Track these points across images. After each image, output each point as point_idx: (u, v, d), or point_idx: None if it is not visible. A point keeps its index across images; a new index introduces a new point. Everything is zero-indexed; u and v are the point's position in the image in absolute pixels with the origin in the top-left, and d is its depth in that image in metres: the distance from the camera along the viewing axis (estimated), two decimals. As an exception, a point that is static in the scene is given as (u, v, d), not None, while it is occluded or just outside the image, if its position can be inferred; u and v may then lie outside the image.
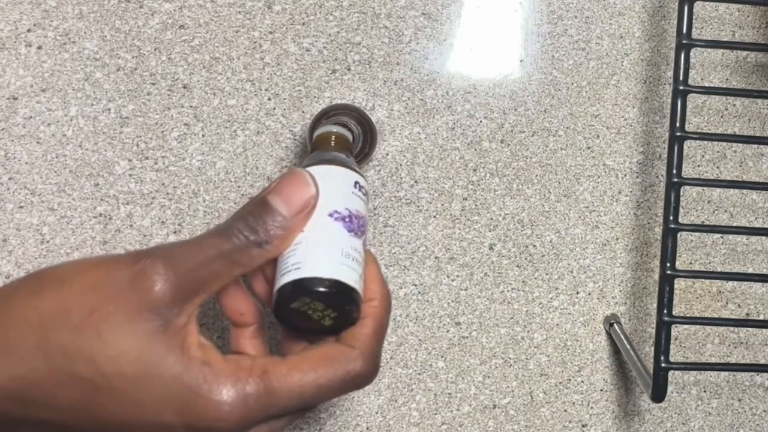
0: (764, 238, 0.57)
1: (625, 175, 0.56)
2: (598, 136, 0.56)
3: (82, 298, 0.33)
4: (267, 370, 0.34)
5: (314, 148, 0.43)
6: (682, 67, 0.46)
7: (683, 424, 0.57)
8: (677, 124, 0.46)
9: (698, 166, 0.57)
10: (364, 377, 0.36)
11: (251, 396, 0.33)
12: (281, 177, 0.37)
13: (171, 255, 0.34)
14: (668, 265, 0.46)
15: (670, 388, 0.57)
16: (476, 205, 0.54)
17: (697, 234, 0.57)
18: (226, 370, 0.33)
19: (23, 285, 0.34)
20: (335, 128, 0.43)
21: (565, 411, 0.56)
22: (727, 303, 0.57)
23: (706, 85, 0.56)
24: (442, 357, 0.55)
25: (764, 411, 0.58)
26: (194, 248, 0.34)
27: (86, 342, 0.33)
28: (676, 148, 0.46)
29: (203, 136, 0.52)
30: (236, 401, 0.33)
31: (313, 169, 0.38)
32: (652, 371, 0.46)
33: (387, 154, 0.53)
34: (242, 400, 0.33)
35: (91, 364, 0.33)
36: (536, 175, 0.55)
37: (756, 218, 0.58)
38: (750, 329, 0.58)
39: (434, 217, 0.54)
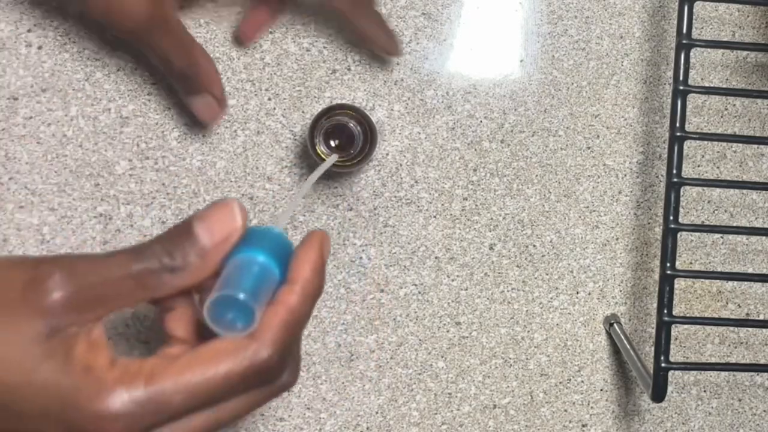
0: (764, 238, 0.57)
1: (625, 175, 0.56)
2: (598, 136, 0.56)
3: None
4: (154, 373, 0.32)
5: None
6: (682, 67, 0.46)
7: (683, 424, 0.57)
8: (677, 124, 0.46)
9: (698, 166, 0.57)
10: (270, 370, 0.33)
11: (136, 402, 0.31)
12: (212, 204, 0.35)
13: (73, 266, 0.32)
14: (668, 265, 0.46)
15: (670, 388, 0.57)
16: (476, 205, 0.54)
17: (697, 234, 0.57)
18: (110, 376, 0.31)
19: None
20: None
21: (565, 411, 0.56)
22: (727, 303, 0.57)
23: (706, 85, 0.56)
24: (442, 357, 0.55)
25: (764, 411, 0.58)
26: (100, 263, 0.33)
27: None
28: (676, 148, 0.46)
29: (203, 136, 0.52)
30: (120, 409, 0.31)
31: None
32: (652, 371, 0.46)
33: (387, 154, 0.53)
34: (126, 408, 0.31)
35: None
36: (536, 175, 0.55)
37: (756, 218, 0.58)
38: (750, 329, 0.58)
39: (434, 217, 0.54)
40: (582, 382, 0.56)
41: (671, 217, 0.46)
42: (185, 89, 0.48)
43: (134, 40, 0.44)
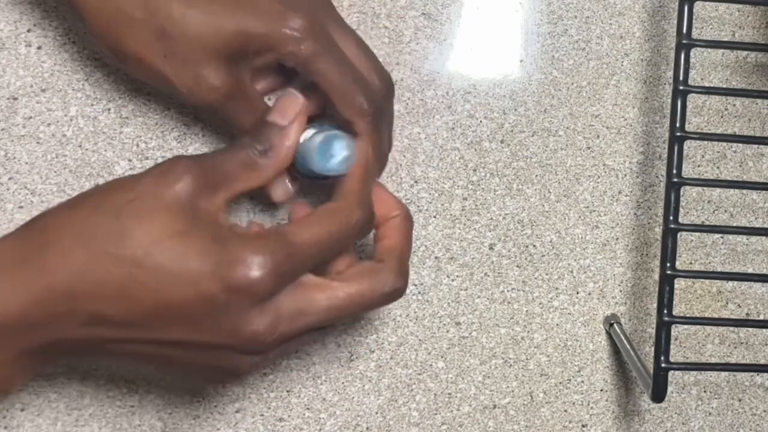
0: (764, 238, 0.57)
1: (625, 175, 0.56)
2: (598, 136, 0.56)
3: (115, 194, 0.37)
4: (282, 229, 0.39)
5: None
6: (682, 67, 0.46)
7: (683, 424, 0.57)
8: (677, 124, 0.46)
9: (698, 166, 0.57)
10: (363, 225, 0.41)
11: (276, 250, 0.37)
12: (276, 98, 0.43)
13: (191, 156, 0.39)
14: (668, 265, 0.46)
15: (670, 388, 0.57)
16: (476, 205, 0.54)
17: (697, 234, 0.57)
18: (250, 232, 0.39)
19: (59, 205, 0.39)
20: None
21: (565, 411, 0.56)
22: (727, 303, 0.57)
23: (706, 85, 0.56)
24: (442, 357, 0.55)
25: (764, 411, 0.58)
26: (211, 154, 0.40)
27: (122, 223, 0.36)
28: (676, 148, 0.46)
29: (203, 136, 0.52)
30: (264, 257, 0.36)
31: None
32: (652, 371, 0.46)
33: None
34: (269, 254, 0.36)
35: (129, 241, 0.36)
36: (536, 175, 0.55)
37: (756, 218, 0.58)
38: (750, 329, 0.58)
39: (434, 217, 0.54)
40: (582, 382, 0.56)
41: (671, 217, 0.46)
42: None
43: (215, 111, 0.44)
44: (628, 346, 0.52)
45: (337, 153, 0.42)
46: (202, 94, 0.42)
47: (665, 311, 0.46)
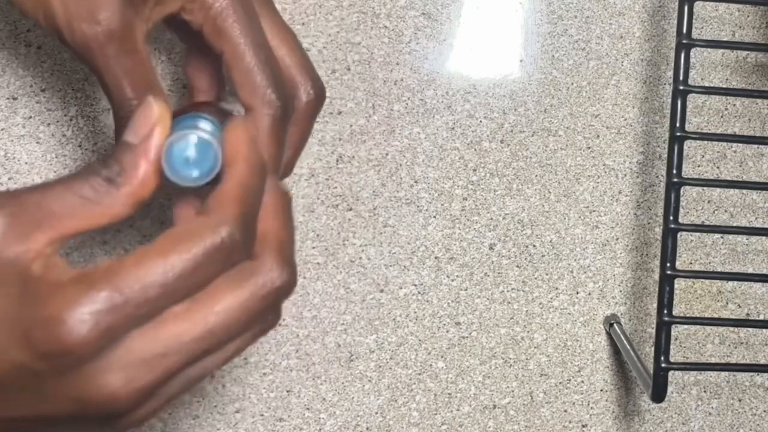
0: (764, 238, 0.57)
1: (625, 175, 0.56)
2: (598, 136, 0.56)
3: None
4: (111, 268, 0.29)
5: None
6: (682, 67, 0.46)
7: (683, 424, 0.57)
8: (677, 124, 0.46)
9: (698, 166, 0.57)
10: (234, 247, 0.31)
11: (97, 299, 0.29)
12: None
13: (6, 192, 0.31)
14: (668, 265, 0.46)
15: (670, 388, 0.57)
16: (476, 205, 0.54)
17: (697, 234, 0.57)
18: (64, 280, 0.29)
19: None
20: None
21: (565, 411, 0.56)
22: (727, 303, 0.57)
23: (706, 85, 0.56)
24: (442, 357, 0.55)
25: (764, 411, 0.58)
26: (42, 185, 0.31)
27: None
28: (676, 148, 0.46)
29: (203, 136, 0.52)
30: (81, 310, 0.28)
31: None
32: (652, 371, 0.46)
33: (387, 154, 0.53)
34: (86, 307, 0.28)
35: None
36: (536, 175, 0.55)
37: (756, 218, 0.58)
38: (750, 329, 0.58)
39: (434, 217, 0.54)
40: (582, 382, 0.56)
41: (671, 217, 0.46)
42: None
43: (86, 52, 0.36)
44: (628, 346, 0.52)
45: (201, 160, 0.33)
46: (83, 26, 0.34)
47: (665, 311, 0.46)
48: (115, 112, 0.37)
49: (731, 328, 0.57)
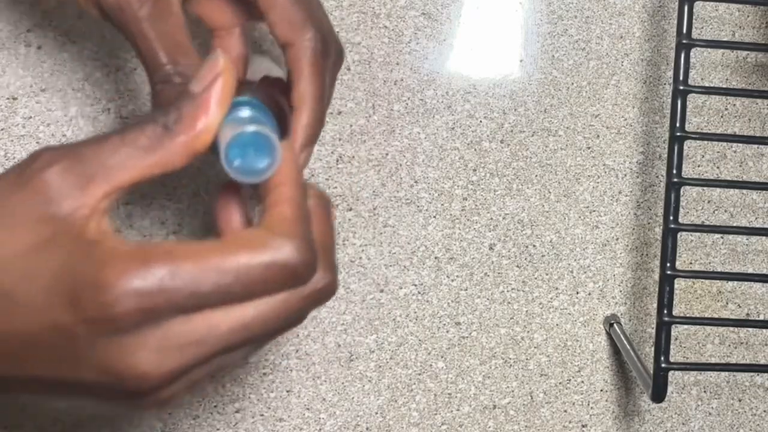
0: (764, 238, 0.57)
1: (625, 175, 0.56)
2: (598, 136, 0.56)
3: None
4: (173, 251, 0.28)
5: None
6: (682, 67, 0.46)
7: (683, 424, 0.57)
8: (677, 124, 0.46)
9: (698, 166, 0.57)
10: (299, 266, 0.30)
11: (150, 278, 0.28)
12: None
13: (61, 146, 0.30)
14: (668, 265, 0.46)
15: (670, 388, 0.57)
16: (476, 205, 0.54)
17: (697, 234, 0.57)
18: (122, 250, 0.28)
19: None
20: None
21: (565, 411, 0.56)
22: (727, 303, 0.57)
23: (706, 85, 0.56)
24: (442, 357, 0.55)
25: (764, 411, 0.58)
26: (94, 138, 0.30)
27: None
28: (676, 148, 0.46)
29: (203, 136, 0.52)
30: (134, 282, 0.28)
31: None
32: (652, 371, 0.46)
33: (387, 154, 0.53)
34: (139, 282, 0.28)
35: None
36: (536, 175, 0.55)
37: (756, 218, 0.58)
38: (750, 329, 0.58)
39: (434, 217, 0.54)
40: (582, 382, 0.56)
41: (671, 217, 0.46)
42: (160, 102, 0.37)
43: (119, 15, 0.35)
44: (628, 346, 0.52)
45: (252, 155, 0.32)
46: None
47: (665, 311, 0.46)
48: (150, 79, 0.35)
49: (731, 328, 0.57)
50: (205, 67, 0.31)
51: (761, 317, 0.58)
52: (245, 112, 0.33)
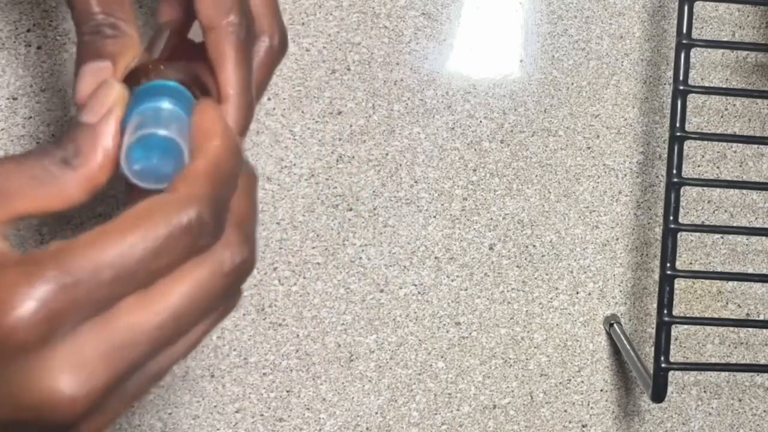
0: (764, 238, 0.57)
1: (625, 175, 0.56)
2: (598, 136, 0.56)
3: None
4: (62, 248, 0.26)
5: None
6: (682, 67, 0.46)
7: (683, 424, 0.57)
8: (677, 124, 0.46)
9: (698, 166, 0.57)
10: (202, 229, 0.28)
11: (43, 280, 0.25)
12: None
13: None
14: (668, 265, 0.46)
15: (670, 388, 0.57)
16: (476, 205, 0.54)
17: (697, 234, 0.57)
18: (10, 261, 0.26)
19: None
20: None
21: (565, 411, 0.56)
22: (727, 303, 0.57)
23: (706, 85, 0.56)
24: (442, 357, 0.55)
25: (764, 411, 0.58)
26: None
27: None
28: (676, 148, 0.46)
29: (203, 136, 0.52)
30: (25, 291, 0.25)
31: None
32: (652, 371, 0.46)
33: (387, 154, 0.53)
34: (32, 290, 0.25)
35: None
36: (536, 175, 0.55)
37: (756, 218, 0.58)
38: (750, 329, 0.58)
39: (434, 217, 0.54)
40: (582, 382, 0.56)
41: (671, 217, 0.46)
42: (85, 54, 0.34)
43: None
44: (628, 346, 0.52)
45: (164, 163, 0.29)
46: None
47: (665, 311, 0.46)
48: (78, 29, 0.33)
49: (731, 328, 0.57)
50: (98, 97, 0.30)
51: (761, 317, 0.58)
52: (165, 104, 0.31)
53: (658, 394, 0.46)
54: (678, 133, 0.46)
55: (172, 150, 0.29)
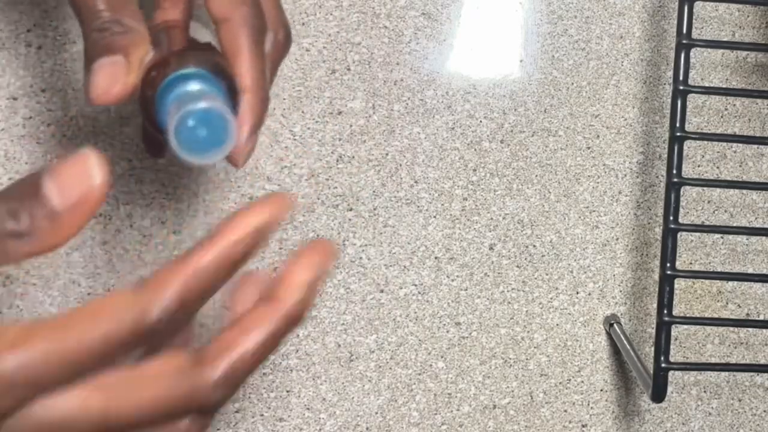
0: (764, 238, 0.57)
1: (625, 175, 0.56)
2: (598, 136, 0.56)
3: None
4: (17, 341, 0.25)
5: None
6: (682, 67, 0.46)
7: (683, 424, 0.57)
8: (677, 124, 0.46)
9: (698, 166, 0.57)
10: (155, 336, 0.26)
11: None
12: (66, 157, 0.27)
13: None
14: (668, 265, 0.46)
15: (670, 388, 0.57)
16: (476, 205, 0.54)
17: (697, 234, 0.57)
18: None
19: None
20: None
21: (565, 411, 0.56)
22: (727, 303, 0.57)
23: (706, 85, 0.56)
24: (442, 357, 0.55)
25: (764, 411, 0.58)
26: None
27: None
28: (676, 148, 0.46)
29: (203, 136, 0.52)
30: None
31: None
32: (652, 371, 0.46)
33: (387, 154, 0.53)
34: None
35: None
36: (536, 175, 0.55)
37: (756, 218, 0.58)
38: (750, 329, 0.58)
39: (434, 217, 0.54)
40: (582, 382, 0.56)
41: (671, 217, 0.46)
42: (95, 52, 0.32)
43: None
44: (628, 346, 0.52)
45: (214, 135, 0.28)
46: None
47: (665, 311, 0.46)
48: (84, 29, 0.32)
49: (731, 328, 0.57)
50: (73, 174, 0.27)
51: (761, 317, 0.58)
52: (194, 86, 0.30)
53: (658, 394, 0.46)
54: (678, 133, 0.46)
55: (220, 124, 0.28)
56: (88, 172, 0.26)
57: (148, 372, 0.26)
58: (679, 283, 0.56)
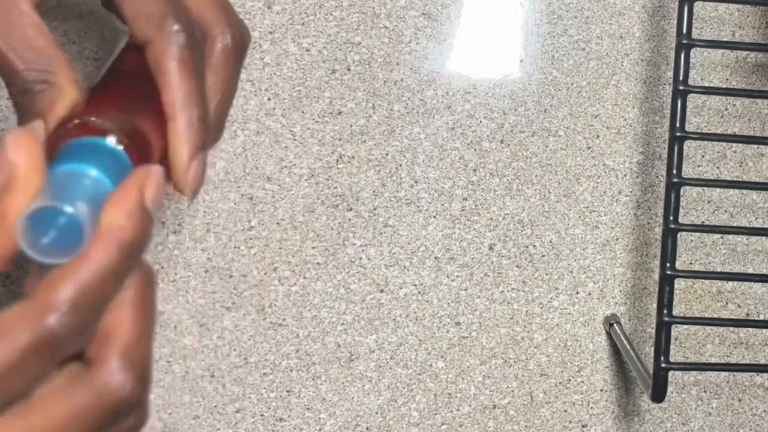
0: (764, 238, 0.57)
1: (625, 175, 0.56)
2: (598, 136, 0.56)
3: None
4: None
5: None
6: (682, 67, 0.46)
7: (683, 424, 0.57)
8: (677, 124, 0.46)
9: (698, 166, 0.57)
10: (61, 341, 0.25)
11: None
12: None
13: None
14: (668, 265, 0.46)
15: (670, 388, 0.57)
16: (476, 205, 0.54)
17: (697, 234, 0.57)
18: None
19: None
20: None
21: (565, 411, 0.56)
22: (727, 303, 0.57)
23: (706, 85, 0.56)
24: (442, 357, 0.55)
25: (764, 411, 0.58)
26: None
27: None
28: (676, 148, 0.46)
29: (203, 136, 0.52)
30: None
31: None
32: (652, 371, 0.46)
33: (387, 154, 0.53)
34: None
35: None
36: (536, 175, 0.55)
37: (756, 218, 0.58)
38: (750, 329, 0.58)
39: (434, 217, 0.54)
40: (582, 382, 0.56)
41: (671, 218, 0.46)
42: (26, 109, 0.31)
43: None
44: (628, 346, 0.52)
45: (64, 240, 0.26)
46: None
47: (665, 311, 0.46)
48: (8, 91, 0.31)
49: (731, 328, 0.57)
50: None
51: (761, 317, 0.58)
52: (84, 169, 0.27)
53: (658, 394, 0.46)
54: (678, 133, 0.46)
55: (74, 226, 0.26)
56: (4, 156, 0.27)
57: (48, 396, 0.25)
58: (679, 283, 0.56)
